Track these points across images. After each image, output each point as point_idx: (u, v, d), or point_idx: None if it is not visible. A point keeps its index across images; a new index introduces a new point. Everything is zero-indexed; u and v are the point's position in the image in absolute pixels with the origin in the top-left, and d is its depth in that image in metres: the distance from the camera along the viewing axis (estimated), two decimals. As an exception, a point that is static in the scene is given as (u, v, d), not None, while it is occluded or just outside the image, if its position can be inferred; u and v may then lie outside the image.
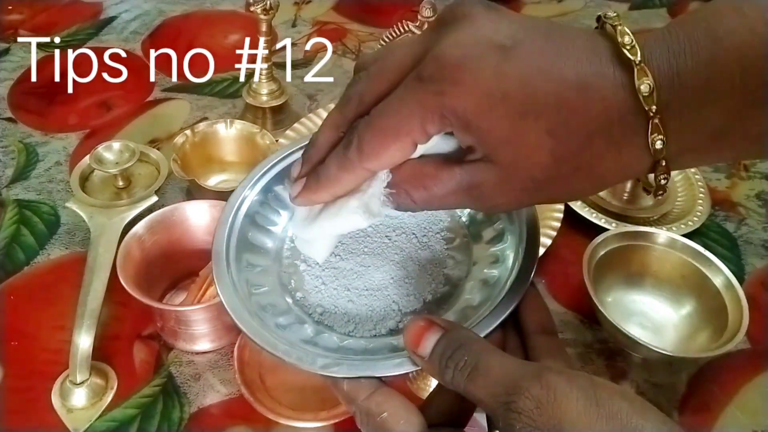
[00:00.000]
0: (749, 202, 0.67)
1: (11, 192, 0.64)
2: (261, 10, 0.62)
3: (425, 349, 0.28)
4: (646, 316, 0.54)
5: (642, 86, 0.24)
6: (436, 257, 0.38)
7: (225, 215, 0.38)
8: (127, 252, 0.49)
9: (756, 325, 0.48)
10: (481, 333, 0.29)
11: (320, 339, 0.33)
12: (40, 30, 0.87)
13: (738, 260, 0.60)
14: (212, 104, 0.76)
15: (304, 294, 0.37)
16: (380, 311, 0.35)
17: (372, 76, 0.30)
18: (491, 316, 0.30)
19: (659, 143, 0.25)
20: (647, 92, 0.24)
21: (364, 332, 0.34)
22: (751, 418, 0.49)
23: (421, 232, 0.39)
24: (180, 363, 0.50)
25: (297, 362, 0.30)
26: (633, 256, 0.54)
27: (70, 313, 0.49)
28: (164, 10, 0.93)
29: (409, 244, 0.38)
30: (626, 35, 0.25)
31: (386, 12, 0.92)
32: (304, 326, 0.34)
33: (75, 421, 0.46)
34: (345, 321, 0.35)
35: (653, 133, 0.25)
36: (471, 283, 0.35)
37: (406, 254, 0.38)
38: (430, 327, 0.28)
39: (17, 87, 0.78)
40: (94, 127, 0.72)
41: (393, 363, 0.30)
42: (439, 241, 0.39)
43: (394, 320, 0.35)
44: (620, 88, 0.25)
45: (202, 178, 0.62)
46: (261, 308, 0.34)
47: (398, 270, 0.37)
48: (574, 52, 0.26)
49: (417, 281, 0.36)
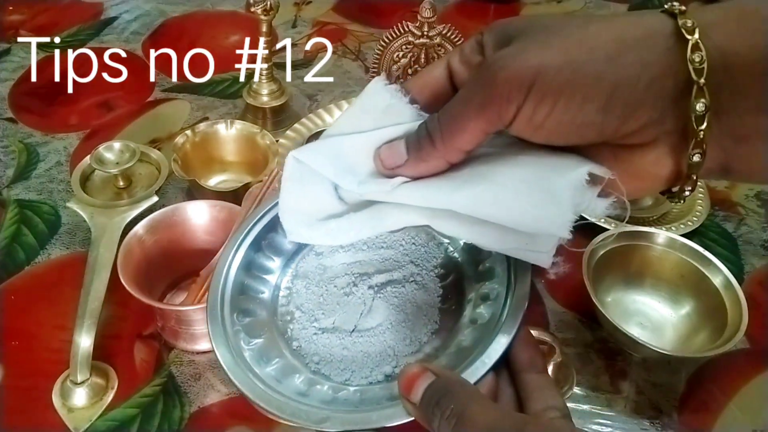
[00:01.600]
0: (748, 202, 0.67)
1: (12, 192, 0.64)
2: (261, 10, 0.62)
3: (416, 395, 0.28)
4: (645, 316, 0.54)
5: (695, 56, 0.25)
6: (431, 297, 0.38)
7: (220, 267, 0.38)
8: (128, 252, 0.49)
9: (755, 324, 0.48)
10: (472, 378, 0.30)
11: (314, 391, 0.33)
12: (40, 30, 0.87)
13: (737, 260, 0.61)
14: (212, 104, 0.76)
15: (301, 343, 0.37)
16: (376, 357, 0.35)
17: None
18: (483, 359, 0.30)
19: (701, 105, 0.25)
20: (699, 62, 0.25)
21: (360, 380, 0.34)
22: (750, 417, 0.49)
23: (416, 269, 0.39)
24: (180, 362, 0.50)
25: (291, 417, 0.31)
26: (632, 256, 0.54)
27: (70, 312, 0.49)
28: (165, 10, 0.93)
29: (405, 287, 0.38)
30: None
31: (386, 12, 0.92)
32: (299, 377, 0.34)
33: (75, 421, 0.46)
34: (341, 369, 0.35)
35: (697, 97, 0.25)
36: (464, 322, 0.35)
37: (403, 297, 0.38)
38: (423, 373, 0.29)
39: (18, 87, 0.78)
40: (94, 127, 0.72)
41: (386, 414, 0.30)
42: (433, 278, 0.39)
43: (390, 365, 0.35)
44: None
45: (202, 178, 0.62)
46: (256, 362, 0.34)
47: (396, 314, 0.37)
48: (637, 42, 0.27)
49: (413, 324, 0.36)
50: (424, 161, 0.31)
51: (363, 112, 0.33)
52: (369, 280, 0.39)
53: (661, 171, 0.28)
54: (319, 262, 0.40)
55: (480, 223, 0.30)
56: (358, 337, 0.36)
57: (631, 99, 0.26)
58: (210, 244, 0.52)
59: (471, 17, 0.93)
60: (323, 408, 0.32)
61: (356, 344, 0.36)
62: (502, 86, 0.27)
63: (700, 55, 0.25)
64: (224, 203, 0.53)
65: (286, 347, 0.37)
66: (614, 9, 0.96)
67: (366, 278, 0.39)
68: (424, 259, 0.39)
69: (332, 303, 0.38)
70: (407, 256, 0.40)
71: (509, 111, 0.27)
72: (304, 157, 0.33)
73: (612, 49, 0.26)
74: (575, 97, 0.26)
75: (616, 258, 0.53)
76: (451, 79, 0.33)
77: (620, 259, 0.54)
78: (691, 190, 0.28)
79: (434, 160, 0.30)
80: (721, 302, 0.50)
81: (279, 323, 0.38)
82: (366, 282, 0.39)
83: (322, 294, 0.39)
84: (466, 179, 0.30)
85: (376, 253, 0.40)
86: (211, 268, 0.51)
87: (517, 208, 0.28)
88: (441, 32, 0.62)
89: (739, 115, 0.26)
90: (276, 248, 0.40)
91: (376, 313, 0.37)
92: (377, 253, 0.40)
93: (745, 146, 0.26)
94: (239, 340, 0.35)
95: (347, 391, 0.34)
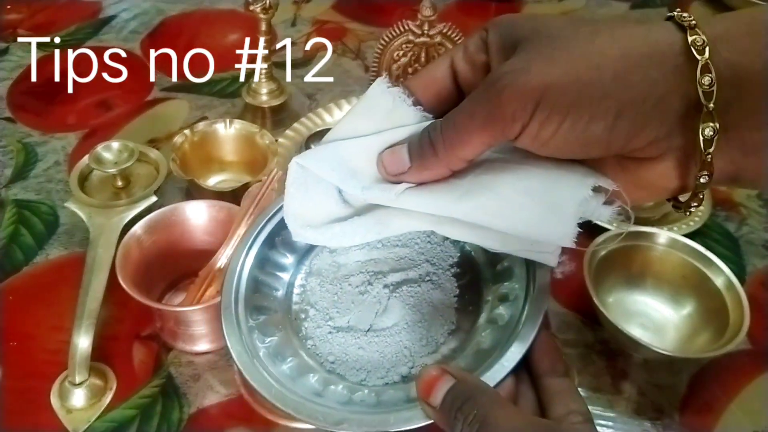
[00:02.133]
0: (750, 202, 0.67)
1: (10, 192, 0.64)
2: (260, 9, 0.62)
3: (436, 399, 0.28)
4: (647, 317, 0.53)
5: (704, 80, 0.25)
6: (447, 297, 0.37)
7: (233, 264, 0.38)
8: (126, 252, 0.49)
9: (757, 325, 0.48)
10: (492, 381, 0.29)
11: (329, 391, 0.33)
12: (39, 29, 0.86)
13: (739, 260, 0.60)
14: (212, 104, 0.76)
15: (315, 342, 0.36)
16: (391, 357, 0.35)
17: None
18: (503, 362, 0.30)
19: (709, 130, 0.25)
20: (708, 85, 0.25)
21: (376, 380, 0.34)
22: (752, 418, 0.48)
23: (432, 268, 0.38)
24: (179, 363, 0.50)
25: (307, 418, 0.30)
26: (634, 256, 0.54)
27: (69, 313, 0.49)
28: (163, 9, 0.92)
29: (421, 286, 0.38)
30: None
31: (386, 11, 0.91)
32: (314, 377, 0.34)
33: (74, 422, 0.46)
34: (356, 369, 0.35)
35: (705, 121, 0.25)
36: (482, 323, 0.35)
37: (419, 297, 0.37)
38: (442, 376, 0.28)
39: (16, 86, 0.78)
40: (93, 126, 0.72)
41: (404, 417, 0.30)
42: (450, 278, 0.38)
43: (406, 366, 0.34)
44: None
45: (201, 178, 0.62)
46: (271, 360, 0.34)
47: (412, 314, 0.37)
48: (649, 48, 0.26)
49: (430, 324, 0.36)
50: (427, 169, 0.31)
51: (365, 115, 0.33)
52: (384, 278, 0.38)
53: (668, 184, 0.28)
54: (333, 260, 0.40)
55: (485, 228, 0.30)
56: (374, 336, 0.36)
57: (638, 117, 0.26)
58: (209, 244, 0.52)
59: (471, 15, 0.93)
60: (339, 409, 0.31)
61: (372, 344, 0.36)
62: (507, 104, 0.27)
63: (709, 77, 0.25)
64: (223, 203, 0.52)
65: (301, 346, 0.36)
66: (616, 7, 0.96)
67: (381, 277, 0.38)
68: (440, 258, 0.39)
69: (347, 301, 0.38)
70: (423, 255, 0.39)
71: (514, 128, 0.27)
72: (307, 162, 0.33)
73: (619, 66, 0.26)
74: (582, 116, 0.26)
75: (617, 258, 0.53)
76: (455, 78, 0.32)
77: (621, 260, 0.54)
78: (696, 206, 0.28)
79: (437, 168, 0.30)
80: (723, 303, 0.50)
81: (293, 321, 0.38)
82: (381, 281, 0.38)
83: (336, 292, 0.38)
84: (469, 188, 0.30)
85: (390, 251, 0.39)
86: (210, 268, 0.50)
87: (521, 220, 0.29)
88: (441, 31, 0.62)
89: (749, 130, 0.26)
90: (290, 245, 0.40)
91: (392, 312, 0.37)
92: (392, 252, 0.39)
93: (753, 158, 0.26)
94: (254, 339, 0.35)
95: (363, 392, 0.33)
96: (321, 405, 0.31)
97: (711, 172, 0.26)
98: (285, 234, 0.39)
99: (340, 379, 0.34)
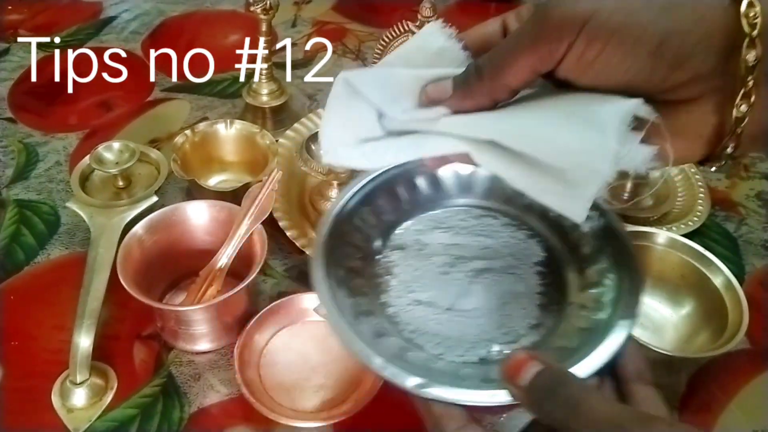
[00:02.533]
0: (749, 201, 0.67)
1: (11, 192, 0.64)
2: (261, 10, 0.62)
3: (524, 379, 0.28)
4: (646, 316, 0.53)
5: (750, 11, 0.26)
6: (530, 292, 0.37)
7: (326, 217, 0.38)
8: (127, 252, 0.49)
9: (756, 325, 0.48)
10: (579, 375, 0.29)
11: (409, 356, 0.33)
12: (39, 30, 0.87)
13: (738, 260, 0.60)
14: (212, 104, 0.76)
15: (397, 310, 0.36)
16: (471, 338, 0.35)
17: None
18: (589, 360, 0.30)
19: (752, 55, 0.26)
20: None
21: (454, 357, 0.34)
22: (751, 418, 0.49)
23: (515, 262, 0.39)
24: (180, 363, 0.50)
25: (392, 378, 0.30)
26: (633, 256, 0.54)
27: (70, 313, 0.49)
28: (164, 9, 0.93)
29: (503, 277, 0.38)
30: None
31: (386, 12, 0.92)
32: (394, 340, 0.34)
33: (75, 421, 0.46)
34: (435, 343, 0.35)
35: (749, 48, 0.26)
36: (568, 324, 0.35)
37: (501, 287, 0.37)
38: (531, 359, 0.29)
39: (17, 87, 0.78)
40: (94, 127, 0.72)
41: (488, 393, 0.29)
42: (533, 275, 0.38)
43: (485, 349, 0.34)
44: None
45: (202, 178, 0.62)
46: (355, 318, 0.34)
47: (495, 301, 0.37)
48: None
49: (510, 314, 0.36)
50: (470, 97, 0.31)
51: (416, 51, 0.33)
52: (467, 264, 0.38)
53: (705, 130, 0.28)
54: (417, 238, 0.40)
55: (520, 159, 0.30)
56: (454, 315, 0.36)
57: (682, 49, 0.26)
58: (210, 244, 0.52)
59: (471, 16, 0.93)
60: (422, 373, 0.31)
61: (452, 322, 0.36)
62: (554, 23, 0.27)
63: (754, 11, 0.26)
64: (224, 203, 0.53)
65: (381, 312, 0.36)
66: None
67: (464, 261, 0.38)
68: (524, 255, 0.39)
69: (429, 278, 0.38)
70: (507, 249, 0.39)
71: (560, 48, 0.28)
72: (354, 79, 0.33)
73: (667, 0, 0.27)
74: (627, 39, 0.27)
75: (616, 258, 0.53)
76: (505, 33, 0.33)
77: (621, 259, 0.54)
78: (734, 148, 0.28)
79: (480, 96, 0.31)
80: (722, 302, 0.50)
81: (375, 289, 0.38)
82: (465, 265, 0.38)
83: (419, 268, 0.38)
84: (509, 113, 0.30)
85: (475, 239, 0.40)
86: (211, 267, 0.51)
87: (561, 138, 0.28)
88: (441, 32, 0.62)
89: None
90: (381, 211, 0.40)
91: (473, 296, 0.37)
92: (476, 240, 0.40)
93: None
94: (342, 295, 0.35)
95: (439, 364, 0.33)
96: (403, 368, 0.31)
97: (750, 102, 0.26)
98: (376, 202, 0.39)
99: (417, 349, 0.34)
